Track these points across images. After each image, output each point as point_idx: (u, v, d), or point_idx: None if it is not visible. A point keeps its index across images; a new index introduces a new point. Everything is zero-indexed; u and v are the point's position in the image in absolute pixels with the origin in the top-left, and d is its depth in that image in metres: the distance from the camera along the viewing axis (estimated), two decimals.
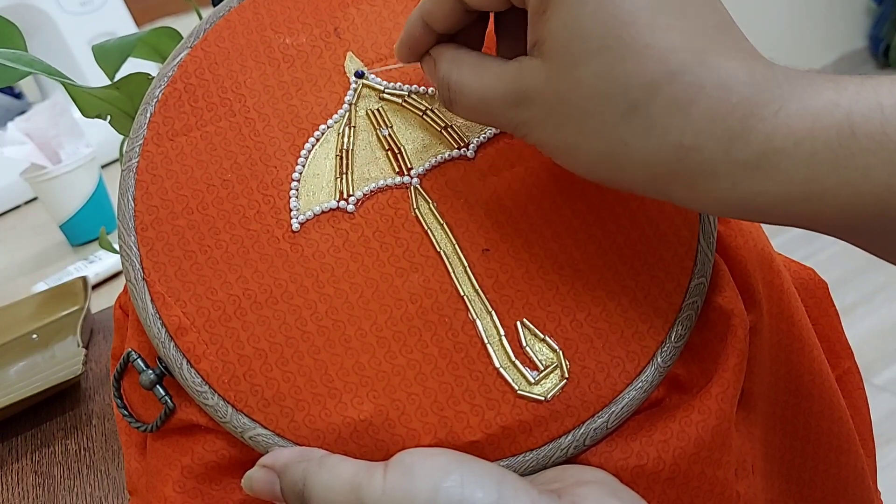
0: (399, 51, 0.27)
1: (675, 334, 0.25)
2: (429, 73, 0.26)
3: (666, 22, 0.20)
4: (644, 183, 0.21)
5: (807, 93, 0.19)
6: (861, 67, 2.50)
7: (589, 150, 0.22)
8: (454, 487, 0.21)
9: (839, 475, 0.30)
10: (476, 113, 0.24)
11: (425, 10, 0.25)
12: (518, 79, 0.23)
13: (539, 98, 0.22)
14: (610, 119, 0.21)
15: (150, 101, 0.28)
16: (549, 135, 0.22)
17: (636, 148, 0.21)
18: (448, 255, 0.26)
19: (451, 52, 0.25)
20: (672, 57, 0.20)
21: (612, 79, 0.20)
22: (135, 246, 0.27)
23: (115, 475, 0.40)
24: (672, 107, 0.20)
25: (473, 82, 0.24)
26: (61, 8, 0.95)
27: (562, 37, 0.21)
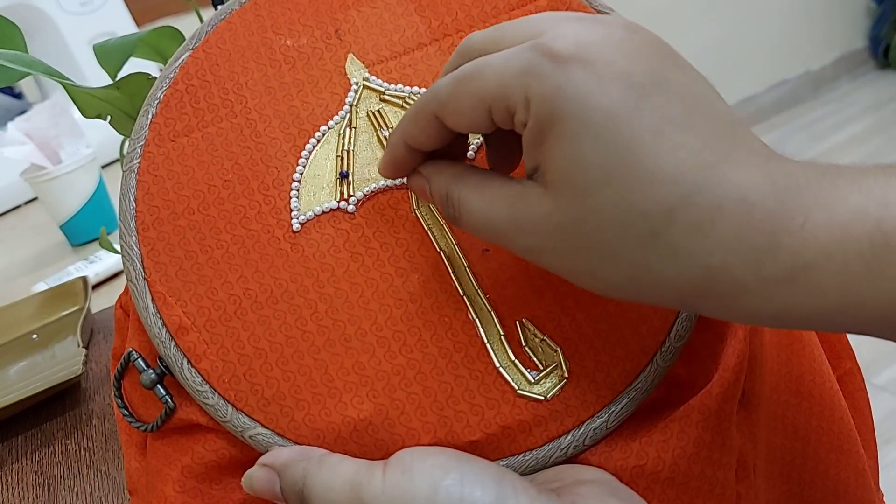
0: (383, 170, 0.26)
1: (675, 334, 0.25)
2: (418, 189, 0.25)
3: (670, 141, 0.19)
4: (673, 301, 0.21)
5: (831, 200, 0.19)
6: (861, 67, 2.50)
7: (611, 276, 0.21)
8: (453, 486, 0.21)
9: (840, 476, 0.30)
10: (482, 233, 0.23)
11: (406, 133, 0.24)
12: (522, 205, 0.22)
13: (546, 227, 0.21)
14: (629, 246, 0.20)
15: (151, 102, 0.28)
16: (563, 262, 0.22)
17: (661, 272, 0.20)
18: (448, 255, 0.26)
19: (450, 168, 0.24)
20: (683, 179, 0.19)
21: (625, 208, 0.20)
22: (136, 246, 0.27)
23: (115, 475, 0.40)
24: (693, 230, 0.19)
25: (476, 202, 0.23)
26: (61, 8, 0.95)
27: (565, 168, 0.20)
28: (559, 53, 0.20)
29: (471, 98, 0.22)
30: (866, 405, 0.34)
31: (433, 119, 0.23)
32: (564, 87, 0.20)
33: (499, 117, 0.22)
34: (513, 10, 0.29)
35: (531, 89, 0.20)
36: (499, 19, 0.29)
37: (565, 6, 0.29)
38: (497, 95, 0.21)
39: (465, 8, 0.30)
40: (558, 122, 0.20)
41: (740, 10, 2.18)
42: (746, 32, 2.20)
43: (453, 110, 0.22)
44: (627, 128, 0.19)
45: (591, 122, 0.19)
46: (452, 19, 0.29)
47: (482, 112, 0.22)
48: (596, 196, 0.20)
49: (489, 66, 0.21)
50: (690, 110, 0.20)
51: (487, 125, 0.22)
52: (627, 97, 0.20)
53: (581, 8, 0.29)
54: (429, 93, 0.23)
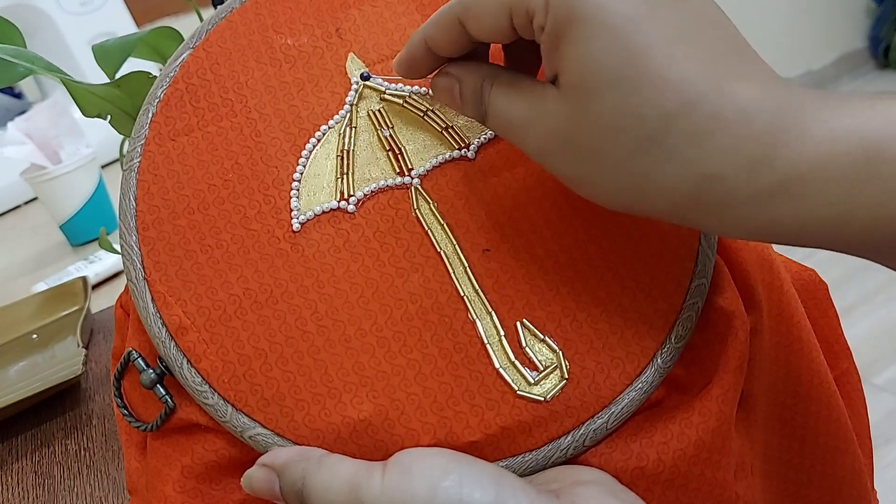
0: (399, 67, 0.27)
1: (675, 335, 0.25)
2: (444, 90, 0.26)
3: (681, 51, 0.20)
4: (667, 211, 0.21)
5: (826, 116, 0.19)
6: (861, 67, 2.50)
7: (608, 182, 0.22)
8: (452, 487, 0.21)
9: (836, 475, 0.30)
10: (503, 131, 0.24)
11: (429, 34, 0.25)
12: (538, 105, 0.22)
13: (554, 128, 0.22)
14: (628, 151, 0.21)
15: (151, 101, 0.28)
16: (566, 166, 0.22)
17: (657, 179, 0.20)
18: (448, 256, 0.26)
19: (482, 68, 0.25)
20: (688, 87, 0.20)
21: (628, 111, 0.20)
22: (136, 246, 0.27)
23: (115, 475, 0.40)
24: (691, 137, 0.20)
25: (503, 101, 0.24)
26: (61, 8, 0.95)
27: (576, 71, 0.21)
28: None
29: (494, 1, 0.22)
30: (863, 405, 0.34)
31: (456, 22, 0.24)
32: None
33: (519, 21, 0.22)
34: None
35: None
36: None
37: None
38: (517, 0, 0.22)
39: None
40: (574, 24, 0.20)
41: (740, 10, 2.18)
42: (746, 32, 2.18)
43: (476, 14, 0.23)
44: (640, 34, 0.20)
45: (606, 25, 0.20)
46: None
47: (503, 17, 0.22)
48: (601, 98, 0.20)
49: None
50: (702, 26, 0.21)
51: (507, 32, 0.23)
52: (643, 5, 0.20)
53: None
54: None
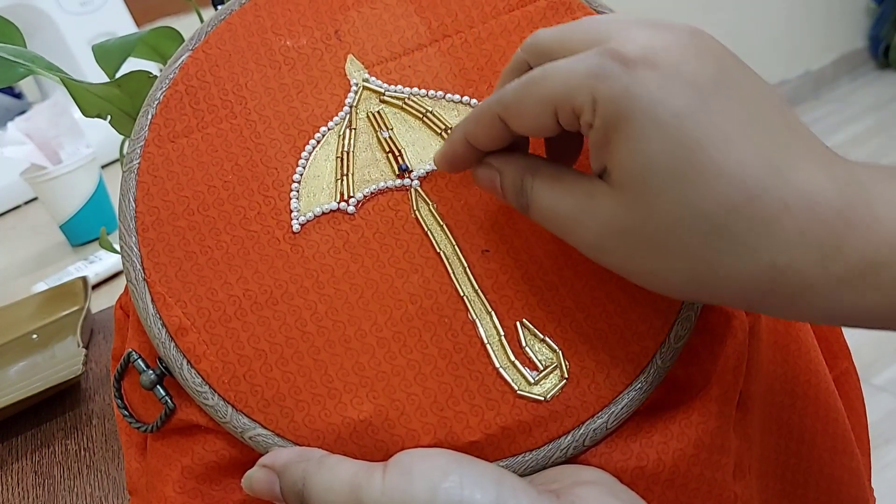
0: (440, 163, 0.26)
1: (674, 335, 0.25)
2: (485, 181, 0.26)
3: (736, 141, 0.20)
4: (737, 301, 0.21)
5: (893, 195, 0.19)
6: (861, 67, 2.50)
7: (673, 275, 0.21)
8: (453, 488, 0.21)
9: (834, 476, 0.30)
10: (550, 225, 0.24)
11: (469, 132, 0.25)
12: (588, 201, 0.22)
13: (610, 226, 0.21)
14: (692, 245, 0.20)
15: (151, 102, 0.28)
16: (625, 261, 0.22)
17: (725, 270, 0.20)
18: (448, 256, 0.27)
19: (523, 160, 0.25)
20: (748, 177, 0.19)
21: (688, 207, 0.20)
22: (136, 247, 0.27)
23: (115, 475, 0.40)
24: (758, 227, 0.19)
25: (547, 194, 0.23)
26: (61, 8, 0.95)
27: (630, 168, 0.20)
28: (627, 56, 0.20)
29: (536, 100, 0.22)
30: (861, 405, 0.34)
31: (497, 121, 0.24)
32: (632, 88, 0.20)
33: (564, 119, 0.22)
34: (512, 10, 0.29)
35: (598, 90, 0.20)
36: (499, 20, 0.29)
37: (565, 7, 0.29)
38: (564, 97, 0.21)
39: (465, 9, 0.30)
40: (625, 123, 0.20)
41: (740, 10, 2.18)
42: (746, 32, 2.20)
43: (518, 113, 0.23)
44: (693, 128, 0.20)
45: (658, 122, 0.20)
46: (452, 20, 0.29)
47: (547, 114, 0.22)
48: (660, 195, 0.20)
49: (556, 69, 0.22)
50: (755, 112, 0.20)
51: (552, 128, 0.23)
52: (694, 99, 0.20)
53: (580, 8, 0.29)
54: (494, 95, 0.24)
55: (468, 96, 0.29)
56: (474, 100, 0.29)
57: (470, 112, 0.25)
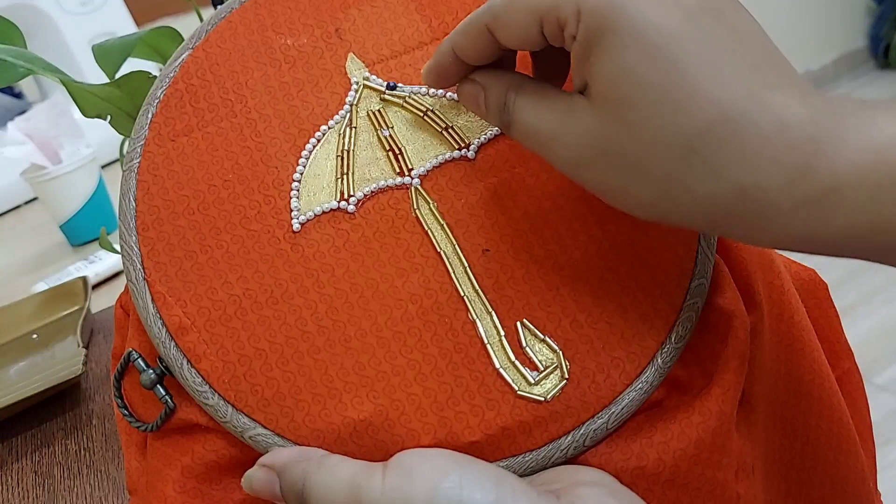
0: (427, 77, 0.26)
1: (675, 335, 0.25)
2: (469, 97, 0.26)
3: (716, 63, 0.20)
4: (705, 222, 0.21)
5: (866, 125, 0.19)
6: (861, 67, 2.50)
7: (645, 193, 0.21)
8: (453, 488, 0.21)
9: (839, 476, 0.30)
10: (528, 141, 0.24)
11: (457, 43, 0.25)
12: (567, 116, 0.22)
13: (586, 139, 0.22)
14: (666, 162, 0.20)
15: (151, 101, 0.28)
16: (598, 176, 0.22)
17: (696, 190, 0.20)
18: (448, 256, 0.26)
19: (507, 77, 0.25)
20: (724, 98, 0.20)
21: (664, 123, 0.20)
22: (136, 246, 0.27)
23: (115, 475, 0.40)
24: (730, 149, 0.20)
25: (529, 110, 0.24)
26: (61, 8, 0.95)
27: (608, 82, 0.21)
28: None
29: (523, 10, 0.22)
30: (865, 405, 0.34)
31: (484, 31, 0.24)
32: (617, 0, 0.20)
33: (549, 30, 0.22)
34: None
35: (584, 2, 0.21)
36: None
37: None
38: (549, 7, 0.22)
39: (466, 7, 0.30)
40: (607, 34, 0.20)
41: None
42: None
43: (505, 22, 0.23)
44: (675, 46, 0.20)
45: (640, 35, 0.20)
46: (453, 18, 0.29)
47: (533, 25, 0.22)
48: (637, 109, 0.20)
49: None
50: (737, 39, 0.20)
51: (537, 40, 0.23)
52: (678, 17, 0.20)
53: None
54: (484, 6, 0.24)
55: None
56: None
57: (457, 26, 0.25)
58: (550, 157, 0.23)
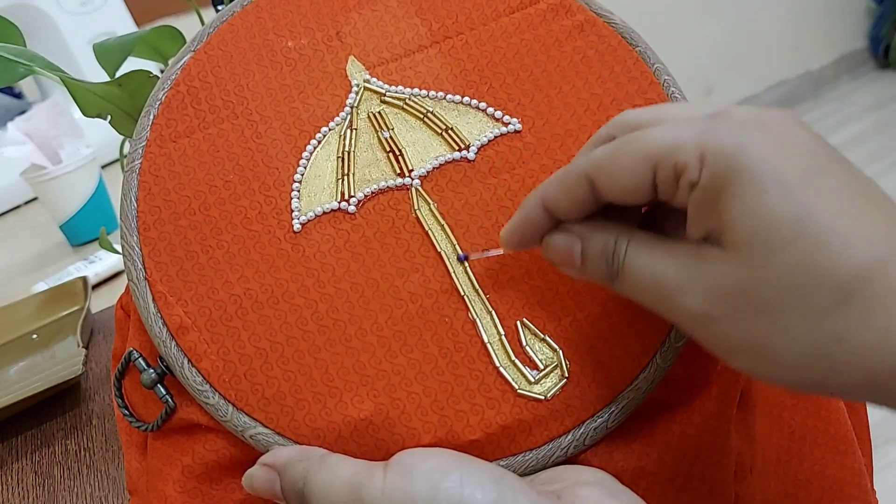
0: (510, 237, 0.25)
1: (675, 335, 0.26)
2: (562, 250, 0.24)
3: (859, 206, 0.19)
4: (859, 384, 0.19)
5: None
6: (861, 67, 2.50)
7: (787, 348, 0.19)
8: (453, 488, 0.21)
9: (836, 476, 0.30)
10: (644, 293, 0.22)
11: (549, 197, 0.23)
12: (697, 264, 0.20)
13: (722, 289, 0.20)
14: (816, 312, 0.18)
15: (153, 103, 0.29)
16: (735, 329, 0.20)
17: (851, 343, 0.18)
18: (448, 256, 0.27)
19: (615, 225, 0.23)
20: (876, 241, 0.18)
21: (814, 267, 0.18)
22: (137, 246, 0.27)
23: (115, 475, 0.40)
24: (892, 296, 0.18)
25: (645, 259, 0.22)
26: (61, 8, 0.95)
27: (748, 225, 0.19)
28: (737, 118, 0.20)
29: (635, 157, 0.21)
30: (862, 405, 0.34)
31: (584, 181, 0.22)
32: (746, 143, 0.19)
33: (663, 176, 0.21)
34: (513, 12, 0.30)
35: (708, 146, 0.20)
36: (499, 22, 0.29)
37: (565, 9, 0.29)
38: (667, 152, 0.20)
39: (466, 10, 0.30)
40: (738, 178, 0.19)
41: (740, 10, 2.18)
42: (746, 32, 2.20)
43: (611, 171, 0.22)
44: (813, 188, 0.19)
45: (775, 178, 0.19)
46: (453, 21, 0.30)
47: (645, 172, 0.21)
48: (781, 255, 0.19)
49: (659, 128, 0.21)
50: (867, 185, 0.20)
51: (646, 189, 0.21)
52: (809, 162, 0.19)
53: (580, 11, 0.29)
54: (581, 159, 0.23)
55: (468, 97, 0.29)
56: (474, 100, 0.29)
57: (548, 179, 0.24)
58: (673, 311, 0.21)
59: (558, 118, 0.28)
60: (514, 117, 0.28)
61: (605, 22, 0.29)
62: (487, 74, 0.29)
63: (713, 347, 0.21)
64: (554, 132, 0.28)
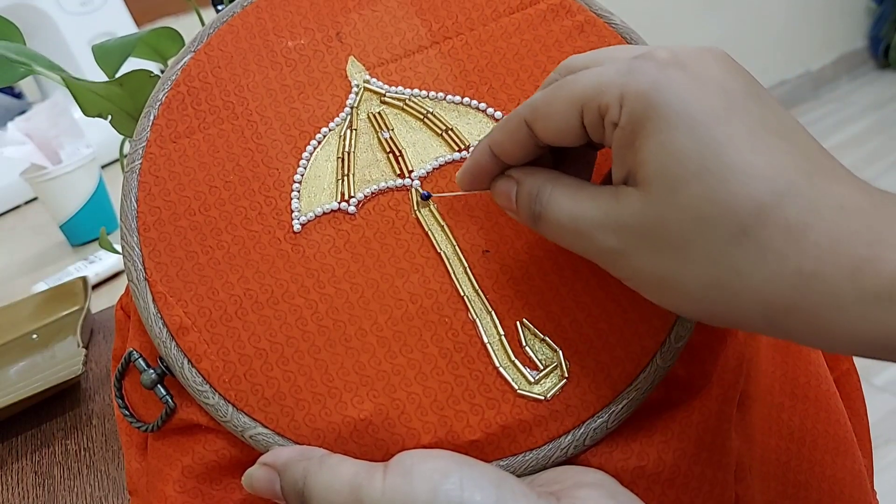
0: (462, 179, 0.26)
1: (675, 335, 0.26)
2: (502, 193, 0.25)
3: (766, 142, 0.19)
4: (757, 317, 0.19)
5: None
6: (861, 67, 2.50)
7: (693, 281, 0.20)
8: (453, 490, 0.21)
9: (836, 477, 0.30)
10: (563, 232, 0.23)
11: (495, 141, 0.25)
12: (612, 204, 0.21)
13: (632, 225, 0.21)
14: (716, 245, 0.19)
15: (153, 103, 0.29)
16: (644, 263, 0.21)
17: (749, 275, 0.19)
18: (448, 256, 0.27)
19: (544, 172, 0.24)
20: (779, 177, 0.19)
21: (715, 202, 0.19)
22: (137, 246, 0.27)
23: (115, 475, 0.40)
24: (786, 231, 0.18)
25: (567, 202, 0.23)
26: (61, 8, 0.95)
27: (657, 163, 0.20)
28: (656, 57, 0.20)
29: (564, 100, 0.22)
30: (862, 406, 0.34)
31: (523, 125, 0.23)
32: (661, 83, 0.20)
33: (589, 119, 0.22)
34: (513, 13, 0.30)
35: (627, 86, 0.20)
36: (499, 22, 0.29)
37: (565, 9, 0.29)
38: (591, 95, 0.21)
39: (466, 11, 0.30)
40: (653, 117, 0.20)
41: (740, 9, 2.18)
42: (746, 32, 2.20)
43: (544, 114, 0.23)
44: (724, 125, 0.19)
45: (687, 117, 0.19)
46: (453, 22, 0.30)
47: (573, 115, 0.22)
48: (685, 190, 0.19)
49: (587, 72, 0.22)
50: (782, 123, 0.20)
51: (576, 132, 0.22)
52: (723, 99, 0.20)
53: (580, 11, 0.29)
54: (524, 102, 0.24)
55: (469, 98, 0.29)
56: (474, 101, 0.29)
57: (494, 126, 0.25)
58: (588, 248, 0.22)
59: None
60: None
61: (605, 22, 0.29)
62: (487, 75, 0.29)
63: (626, 280, 0.22)
64: None
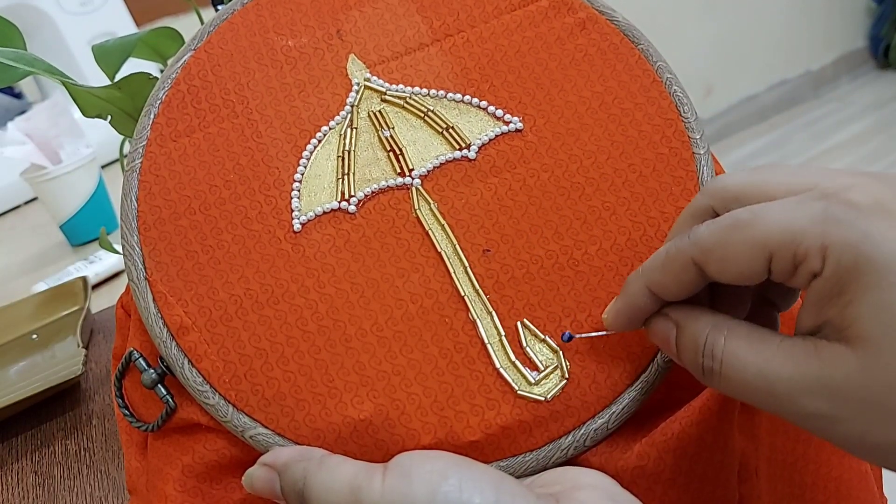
0: (615, 321, 0.24)
1: None
2: (660, 336, 0.24)
3: None
4: None
5: None
6: (861, 67, 2.50)
7: None
8: (452, 492, 0.21)
9: (843, 478, 0.30)
10: (750, 391, 0.21)
11: (653, 280, 0.23)
12: (819, 364, 0.20)
13: (849, 389, 0.19)
14: None
15: (153, 102, 0.28)
16: (864, 432, 0.19)
17: None
18: (449, 256, 0.26)
19: (708, 316, 0.22)
20: None
21: None
22: (137, 246, 0.27)
23: (115, 475, 0.40)
24: None
25: (750, 357, 0.21)
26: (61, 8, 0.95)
27: (878, 322, 0.18)
28: (858, 203, 0.19)
29: (748, 244, 0.20)
30: None
31: (691, 266, 0.22)
32: (872, 234, 0.19)
33: (779, 266, 0.20)
34: (514, 10, 0.29)
35: (829, 236, 0.19)
36: (500, 20, 0.29)
37: (567, 6, 0.29)
38: (784, 242, 0.20)
39: (467, 8, 0.30)
40: (865, 271, 0.18)
41: (740, 9, 2.18)
42: (746, 32, 2.20)
43: (721, 256, 0.21)
44: None
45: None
46: (454, 19, 0.29)
47: (758, 260, 0.20)
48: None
49: (771, 212, 0.20)
50: None
51: (759, 275, 0.21)
52: None
53: (582, 8, 0.29)
54: (682, 240, 0.22)
55: (469, 95, 0.29)
56: (475, 99, 0.29)
57: (649, 261, 0.23)
58: (786, 410, 0.20)
59: (560, 116, 0.28)
60: (516, 116, 0.28)
61: (607, 19, 0.29)
62: (488, 72, 0.29)
63: (839, 444, 0.20)
64: (555, 131, 0.28)
